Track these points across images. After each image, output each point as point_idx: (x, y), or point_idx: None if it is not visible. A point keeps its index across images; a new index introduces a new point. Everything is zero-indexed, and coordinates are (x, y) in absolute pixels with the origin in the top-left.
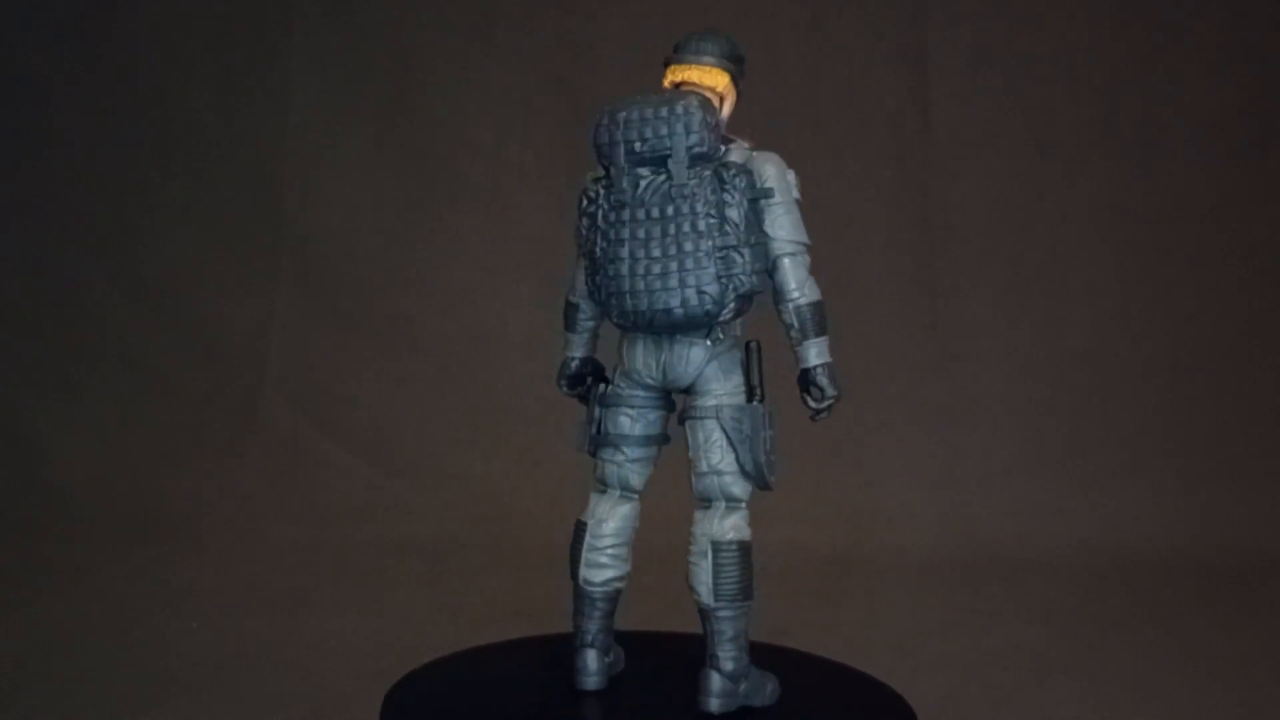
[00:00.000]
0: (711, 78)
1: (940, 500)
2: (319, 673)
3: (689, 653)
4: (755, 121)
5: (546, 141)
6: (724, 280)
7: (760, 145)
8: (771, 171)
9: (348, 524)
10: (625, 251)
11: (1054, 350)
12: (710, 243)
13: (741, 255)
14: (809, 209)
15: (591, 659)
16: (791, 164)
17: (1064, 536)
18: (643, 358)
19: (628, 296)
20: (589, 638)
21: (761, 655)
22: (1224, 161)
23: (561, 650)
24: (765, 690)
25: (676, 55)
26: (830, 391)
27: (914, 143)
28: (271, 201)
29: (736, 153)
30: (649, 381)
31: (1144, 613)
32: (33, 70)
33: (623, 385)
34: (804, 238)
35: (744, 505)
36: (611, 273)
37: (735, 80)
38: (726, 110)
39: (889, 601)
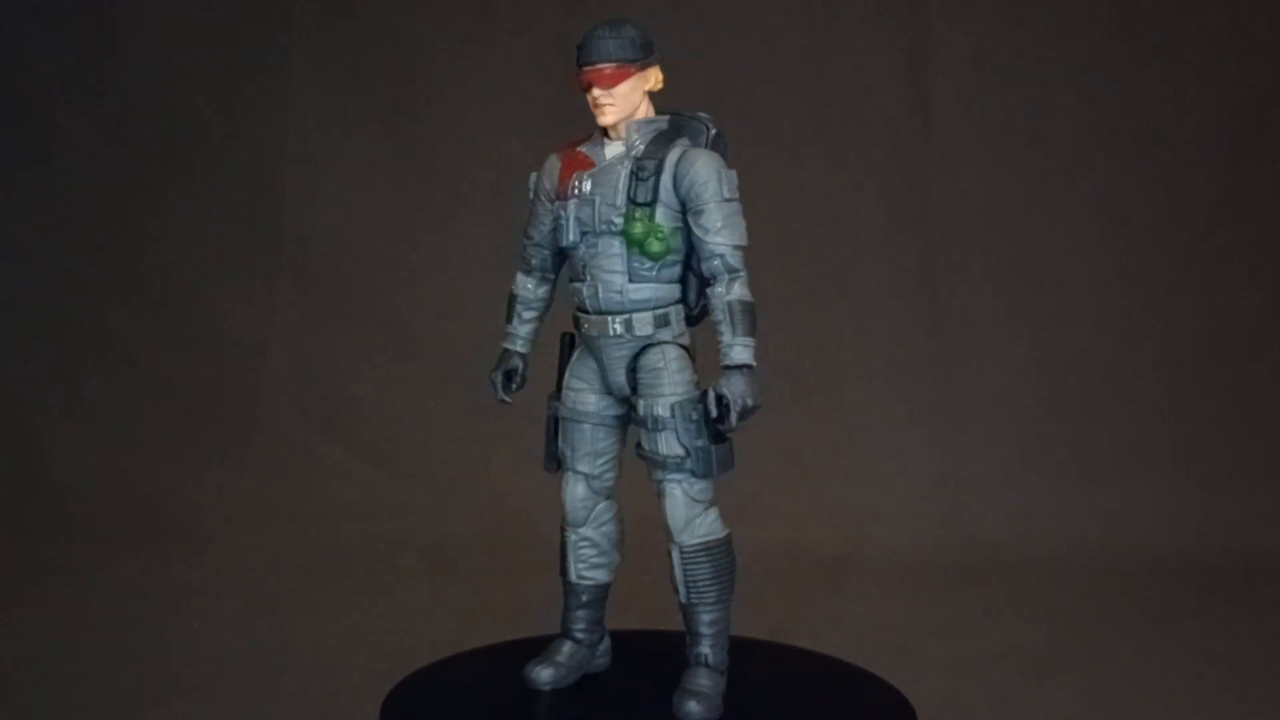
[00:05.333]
0: None
1: (940, 500)
2: (319, 673)
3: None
4: (756, 121)
5: (546, 142)
6: None
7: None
8: None
9: (348, 524)
10: None
11: (1054, 350)
12: None
13: None
14: (809, 209)
15: None
16: (791, 164)
17: (1064, 536)
18: None
19: None
20: None
21: (763, 654)
22: (1224, 161)
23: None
24: None
25: None
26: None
27: (914, 143)
28: (271, 201)
29: None
30: None
31: (1144, 613)
32: (33, 70)
33: None
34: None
35: None
36: None
37: None
38: None
39: (889, 601)
